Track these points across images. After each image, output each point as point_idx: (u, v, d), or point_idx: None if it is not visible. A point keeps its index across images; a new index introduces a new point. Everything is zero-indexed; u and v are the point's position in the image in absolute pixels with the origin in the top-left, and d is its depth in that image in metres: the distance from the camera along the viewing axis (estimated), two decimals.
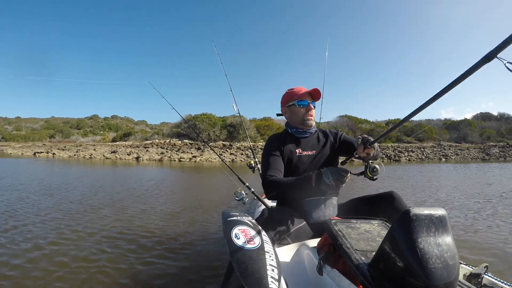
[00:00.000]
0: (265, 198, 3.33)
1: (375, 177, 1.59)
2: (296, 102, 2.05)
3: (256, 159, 3.52)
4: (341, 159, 2.06)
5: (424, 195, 6.73)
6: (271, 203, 2.79)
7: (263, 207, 2.65)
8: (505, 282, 1.22)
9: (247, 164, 3.49)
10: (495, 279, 1.24)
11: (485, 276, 1.24)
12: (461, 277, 1.26)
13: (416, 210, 0.98)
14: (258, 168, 3.39)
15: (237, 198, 2.57)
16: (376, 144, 1.69)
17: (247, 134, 5.04)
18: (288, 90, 2.16)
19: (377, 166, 1.58)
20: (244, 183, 2.75)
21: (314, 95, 2.08)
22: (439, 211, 1.00)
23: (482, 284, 1.23)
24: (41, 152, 23.97)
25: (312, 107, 2.06)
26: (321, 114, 3.47)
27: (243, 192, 2.60)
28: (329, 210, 1.78)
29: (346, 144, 2.08)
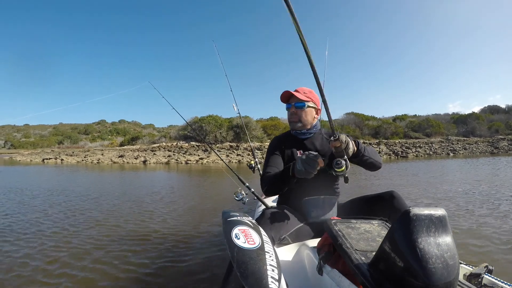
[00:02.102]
0: (265, 198, 3.33)
1: (338, 172, 1.50)
2: (286, 106, 2.07)
3: (257, 159, 3.53)
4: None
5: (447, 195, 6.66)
6: (271, 203, 2.80)
7: (263, 207, 2.66)
8: (505, 282, 1.21)
9: (247, 164, 3.50)
10: (495, 279, 1.22)
11: (485, 276, 1.23)
12: (461, 277, 1.25)
13: (416, 210, 0.98)
14: (258, 168, 3.40)
15: (237, 198, 2.58)
16: (363, 147, 1.70)
17: (247, 134, 5.10)
18: None
19: (341, 160, 1.49)
20: (244, 183, 2.75)
21: (286, 97, 2.06)
22: (439, 211, 1.00)
23: (482, 284, 1.21)
24: (50, 159, 24.22)
25: (296, 109, 2.01)
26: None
27: (243, 192, 2.61)
28: (329, 209, 1.78)
29: None
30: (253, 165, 3.45)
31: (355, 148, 1.64)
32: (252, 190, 2.81)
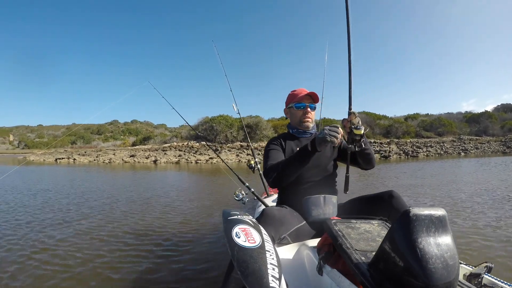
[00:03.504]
0: (265, 198, 3.31)
1: (357, 134, 1.67)
2: (294, 105, 2.14)
3: (257, 159, 3.52)
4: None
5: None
6: (271, 203, 2.79)
7: (263, 207, 2.65)
8: (505, 282, 1.19)
9: (247, 164, 3.49)
10: (495, 279, 1.21)
11: (485, 276, 1.22)
12: (461, 277, 1.24)
13: (416, 210, 0.97)
14: (258, 168, 3.39)
15: (237, 198, 2.59)
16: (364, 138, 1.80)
17: (246, 133, 5.16)
18: (291, 91, 2.23)
19: (360, 124, 1.68)
20: (244, 183, 2.75)
21: (313, 97, 2.15)
22: (439, 211, 0.99)
23: (482, 284, 1.20)
24: (62, 158, 24.54)
25: (310, 109, 2.14)
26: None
27: (243, 192, 2.61)
28: (329, 208, 1.78)
29: (345, 152, 2.05)
30: (253, 165, 3.44)
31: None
32: (252, 190, 2.81)
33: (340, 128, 1.65)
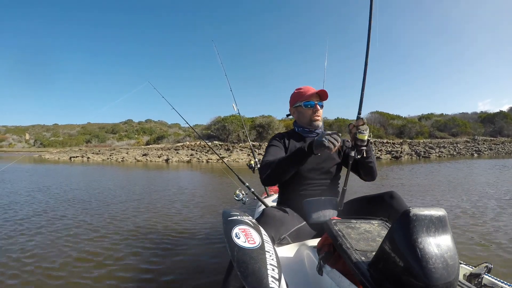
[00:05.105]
0: (265, 198, 3.29)
1: (360, 139, 1.68)
2: (303, 103, 2.05)
3: (256, 159, 3.50)
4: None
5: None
6: (271, 203, 2.79)
7: (263, 207, 2.64)
8: (505, 282, 1.17)
9: (247, 164, 3.48)
10: (495, 279, 1.19)
11: (485, 276, 1.21)
12: (461, 277, 1.23)
13: (416, 210, 0.97)
14: (258, 168, 3.38)
15: (237, 199, 2.59)
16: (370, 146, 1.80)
17: (246, 132, 5.22)
18: (295, 90, 2.15)
19: (365, 130, 1.67)
20: (244, 183, 2.75)
21: (322, 95, 2.07)
22: (439, 211, 0.99)
23: (482, 284, 1.19)
24: (76, 157, 24.97)
25: (319, 107, 2.04)
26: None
27: (243, 192, 2.60)
28: (329, 210, 1.77)
29: (347, 158, 1.98)
30: (253, 165, 3.41)
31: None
32: (252, 190, 2.80)
33: (340, 138, 1.59)
